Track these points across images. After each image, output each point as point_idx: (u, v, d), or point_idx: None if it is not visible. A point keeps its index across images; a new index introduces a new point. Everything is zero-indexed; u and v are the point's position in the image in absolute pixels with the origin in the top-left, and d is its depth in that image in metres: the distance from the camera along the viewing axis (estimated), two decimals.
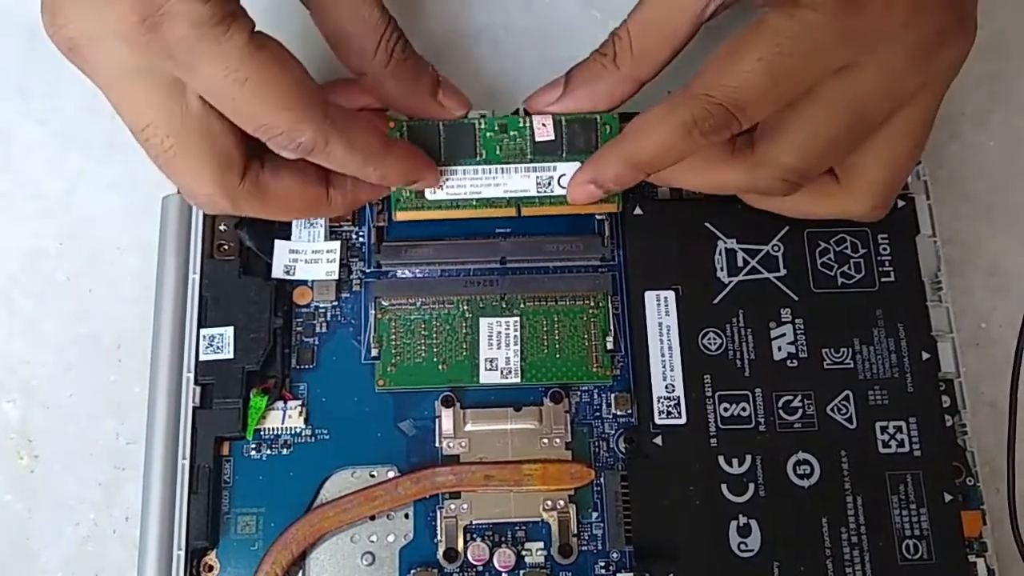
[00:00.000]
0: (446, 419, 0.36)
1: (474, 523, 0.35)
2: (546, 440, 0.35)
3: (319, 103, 0.30)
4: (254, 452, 0.35)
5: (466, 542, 0.35)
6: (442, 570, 0.34)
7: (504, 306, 0.37)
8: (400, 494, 0.34)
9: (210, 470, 0.35)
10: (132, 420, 0.37)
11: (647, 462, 0.35)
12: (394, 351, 0.36)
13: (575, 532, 0.35)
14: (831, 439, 0.35)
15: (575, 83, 0.35)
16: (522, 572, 0.34)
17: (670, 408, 0.35)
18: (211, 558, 0.34)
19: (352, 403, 0.36)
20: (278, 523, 0.34)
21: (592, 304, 0.37)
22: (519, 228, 0.38)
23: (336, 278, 0.37)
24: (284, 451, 0.36)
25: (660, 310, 0.36)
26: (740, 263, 0.37)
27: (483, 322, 0.36)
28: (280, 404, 0.36)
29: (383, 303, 0.37)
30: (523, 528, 0.35)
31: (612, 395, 0.36)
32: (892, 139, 0.32)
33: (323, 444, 0.36)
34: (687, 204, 0.37)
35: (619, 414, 0.36)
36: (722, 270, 0.37)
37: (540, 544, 0.35)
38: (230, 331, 0.36)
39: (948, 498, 0.35)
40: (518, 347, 0.36)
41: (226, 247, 0.37)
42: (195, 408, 0.35)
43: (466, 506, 0.35)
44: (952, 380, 0.36)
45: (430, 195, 0.36)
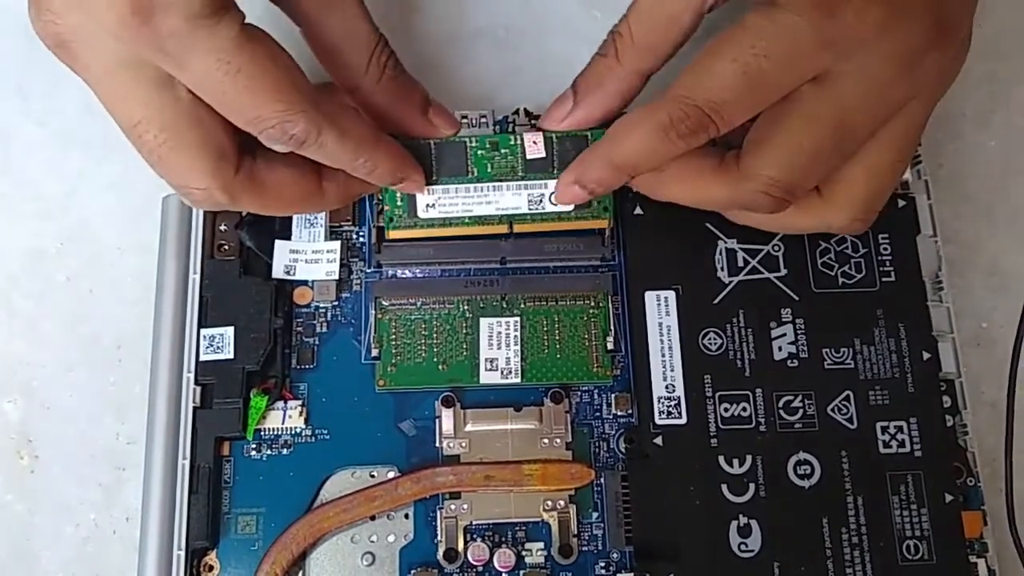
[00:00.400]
0: (446, 419, 0.36)
1: (474, 523, 0.35)
2: (546, 440, 0.35)
3: (310, 94, 0.30)
4: (254, 452, 0.35)
5: (466, 542, 0.35)
6: (442, 570, 0.34)
7: (504, 306, 0.37)
8: (400, 494, 0.34)
9: (210, 470, 0.35)
10: (132, 420, 0.37)
11: (647, 462, 0.35)
12: (394, 351, 0.36)
13: (575, 532, 0.35)
14: (832, 439, 0.35)
15: (582, 91, 0.35)
16: (522, 572, 0.34)
17: (670, 408, 0.35)
18: (211, 558, 0.34)
19: (352, 403, 0.36)
20: (278, 523, 0.34)
21: (592, 304, 0.37)
22: None
23: (336, 278, 0.37)
24: (284, 451, 0.36)
25: (660, 310, 0.36)
26: (740, 263, 0.37)
27: (483, 322, 0.36)
28: (280, 404, 0.36)
29: (383, 303, 0.37)
30: (523, 528, 0.35)
31: (612, 395, 0.36)
32: (876, 151, 0.32)
33: (323, 444, 0.36)
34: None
35: (619, 414, 0.36)
36: (722, 270, 0.37)
37: (540, 544, 0.35)
38: (230, 331, 0.36)
39: (949, 498, 0.34)
40: (518, 347, 0.36)
41: (226, 247, 0.37)
42: (195, 408, 0.35)
43: (466, 506, 0.35)
44: (953, 380, 0.36)
45: (422, 213, 0.36)
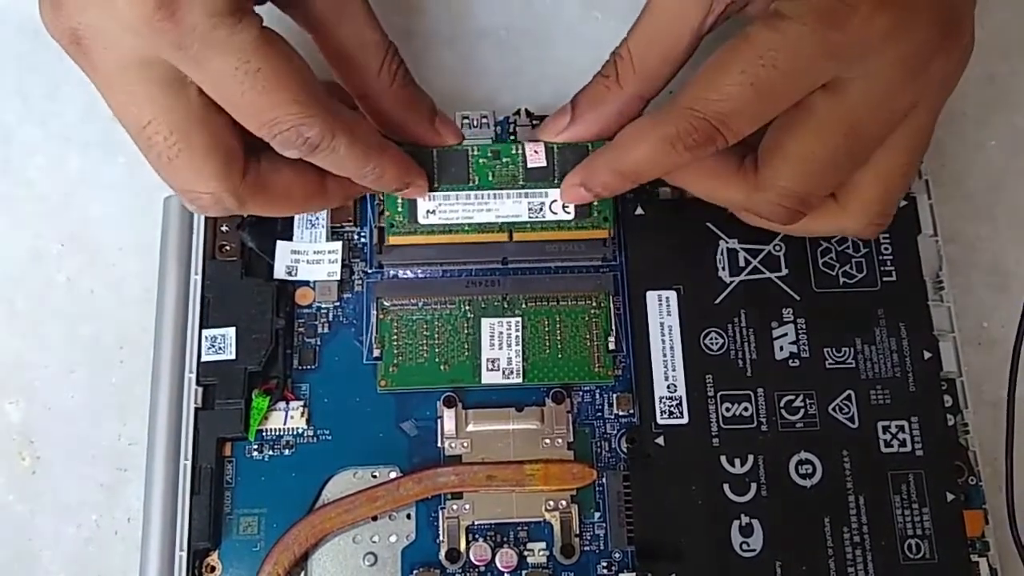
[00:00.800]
0: (448, 419, 0.36)
1: (476, 523, 0.35)
2: (548, 440, 0.35)
3: (324, 99, 0.30)
4: (256, 453, 0.35)
5: (468, 542, 0.35)
6: (444, 570, 0.34)
7: (506, 306, 0.37)
8: (402, 494, 0.34)
9: (212, 471, 0.35)
10: (134, 421, 0.37)
11: (649, 462, 0.35)
12: (396, 352, 0.36)
13: (577, 532, 0.35)
14: (833, 439, 0.35)
15: (581, 109, 0.35)
16: (524, 572, 0.34)
17: (672, 408, 0.35)
18: (213, 559, 0.34)
19: (354, 404, 0.36)
20: (280, 524, 0.34)
21: (594, 304, 0.37)
22: None
23: (338, 279, 0.37)
24: (286, 452, 0.36)
25: (662, 310, 0.36)
26: (742, 263, 0.37)
27: (485, 322, 0.36)
28: (282, 405, 0.36)
29: (385, 304, 0.37)
30: (525, 528, 0.35)
31: (614, 395, 0.36)
32: (887, 157, 0.32)
33: (325, 445, 0.36)
34: (689, 204, 0.37)
35: (621, 414, 0.36)
36: (724, 270, 0.37)
37: (542, 544, 0.35)
38: (232, 332, 0.36)
39: (950, 497, 0.35)
40: (520, 347, 0.36)
41: (228, 248, 0.37)
42: (197, 409, 0.35)
43: (468, 506, 0.35)
44: (954, 379, 0.36)
45: (423, 219, 0.36)
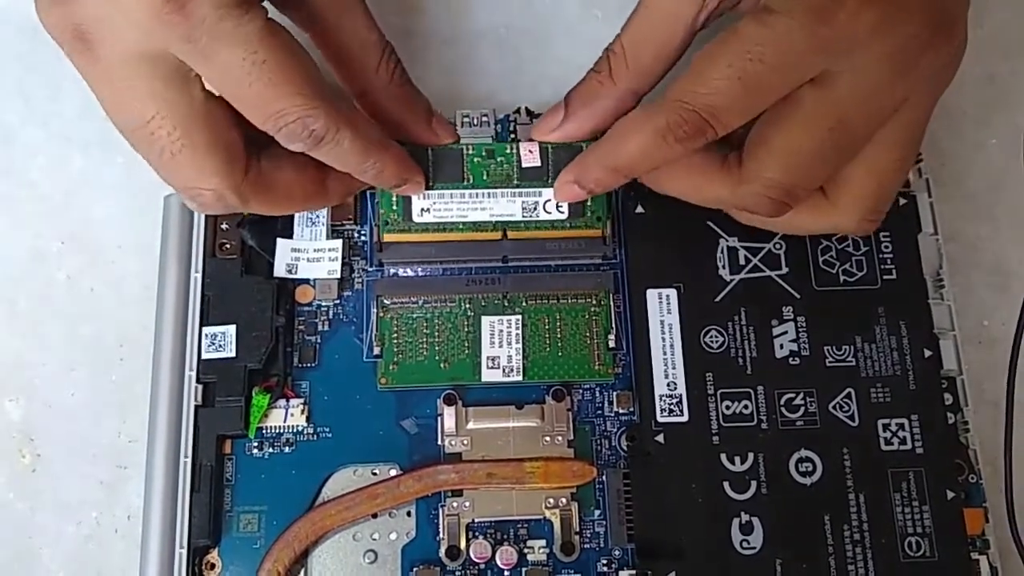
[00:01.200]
0: (448, 417, 0.36)
1: (476, 521, 0.35)
2: (548, 438, 0.35)
3: (328, 91, 0.31)
4: (256, 450, 0.35)
5: (468, 540, 0.35)
6: (444, 568, 0.34)
7: (506, 304, 0.37)
8: (402, 492, 0.34)
9: (212, 468, 0.35)
10: (134, 419, 0.37)
11: (649, 460, 0.35)
12: (396, 349, 0.36)
13: (577, 530, 0.35)
14: (833, 437, 0.35)
15: (575, 106, 0.35)
16: (524, 570, 0.34)
17: (672, 406, 0.35)
18: (213, 556, 0.34)
19: (354, 401, 0.36)
20: (280, 521, 0.34)
21: (594, 302, 0.37)
22: None
23: (338, 276, 0.37)
24: (286, 449, 0.36)
25: (662, 308, 0.36)
26: (742, 261, 0.37)
27: (485, 320, 0.36)
28: (282, 402, 0.36)
29: (385, 301, 0.37)
30: (525, 526, 0.35)
31: (614, 393, 0.36)
32: (879, 152, 0.32)
33: (325, 442, 0.36)
34: (689, 202, 0.37)
35: (621, 412, 0.36)
36: (724, 268, 0.37)
37: (542, 542, 0.35)
38: (232, 329, 0.36)
39: (950, 495, 0.35)
40: (520, 345, 0.36)
41: (228, 246, 0.37)
42: (197, 406, 0.35)
43: (468, 504, 0.35)
44: (954, 378, 0.36)
45: (417, 217, 0.36)
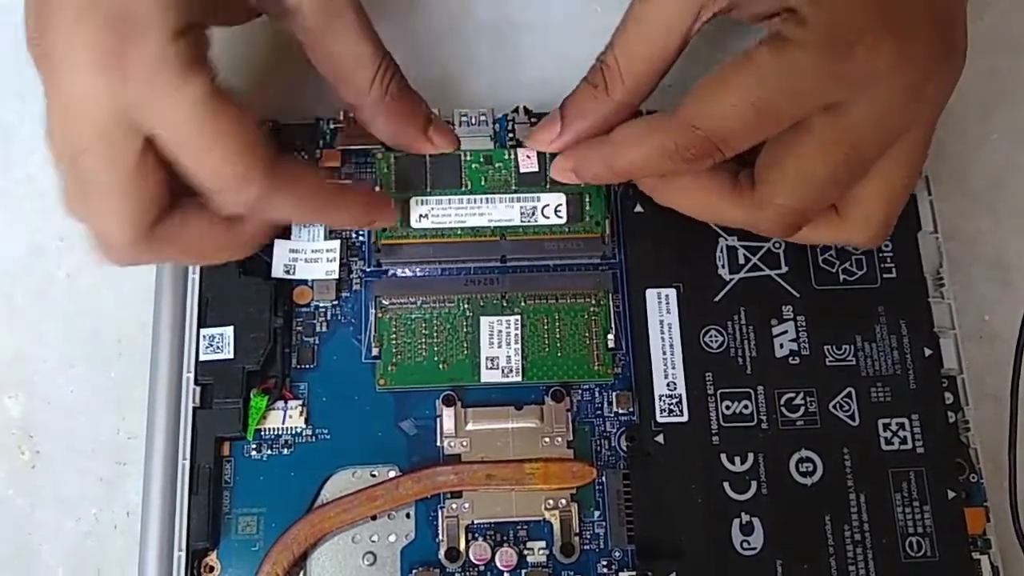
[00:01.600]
0: (447, 418, 0.36)
1: (476, 522, 0.35)
2: (547, 439, 0.35)
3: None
4: (254, 452, 0.35)
5: (468, 542, 0.35)
6: (444, 570, 0.34)
7: (505, 304, 0.37)
8: (401, 494, 0.34)
9: (210, 470, 0.34)
10: (133, 415, 0.37)
11: (649, 460, 0.35)
12: (395, 350, 0.36)
13: (577, 531, 0.35)
14: (833, 436, 0.35)
15: (570, 117, 0.35)
16: (524, 571, 0.34)
17: (672, 406, 0.35)
18: (212, 559, 0.34)
19: (353, 403, 0.36)
20: (279, 523, 0.34)
21: (593, 302, 0.37)
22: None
23: (336, 277, 0.37)
24: (285, 451, 0.35)
25: (661, 308, 0.36)
26: (741, 260, 0.37)
27: (484, 321, 0.36)
28: (280, 404, 0.36)
29: (383, 302, 0.37)
30: (525, 527, 0.35)
31: (613, 393, 0.36)
32: (888, 169, 0.32)
33: (324, 444, 0.36)
34: None
35: (620, 412, 0.36)
36: (723, 267, 0.37)
37: (542, 543, 0.35)
38: (230, 331, 0.36)
39: (951, 495, 0.34)
40: (519, 346, 0.36)
41: None
42: (195, 408, 0.35)
43: (467, 505, 0.35)
44: (955, 377, 0.36)
45: (416, 224, 0.37)
